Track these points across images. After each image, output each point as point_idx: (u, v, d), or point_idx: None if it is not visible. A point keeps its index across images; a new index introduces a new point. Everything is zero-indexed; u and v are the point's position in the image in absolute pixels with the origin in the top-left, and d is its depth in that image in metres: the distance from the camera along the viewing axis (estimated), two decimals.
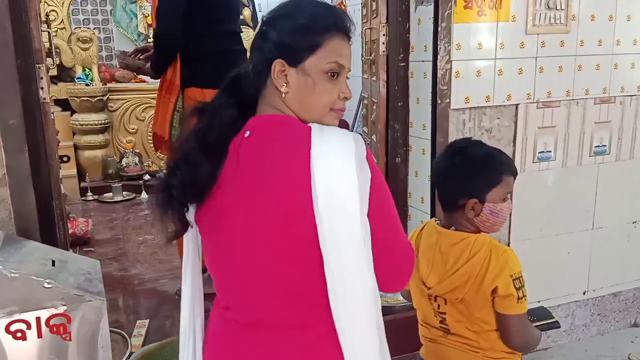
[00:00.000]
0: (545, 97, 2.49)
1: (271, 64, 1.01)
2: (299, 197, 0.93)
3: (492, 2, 2.30)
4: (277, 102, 1.04)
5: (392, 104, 2.53)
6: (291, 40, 1.00)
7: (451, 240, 1.49)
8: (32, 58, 1.93)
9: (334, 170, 0.93)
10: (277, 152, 0.97)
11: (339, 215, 0.93)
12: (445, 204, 1.54)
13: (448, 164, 1.52)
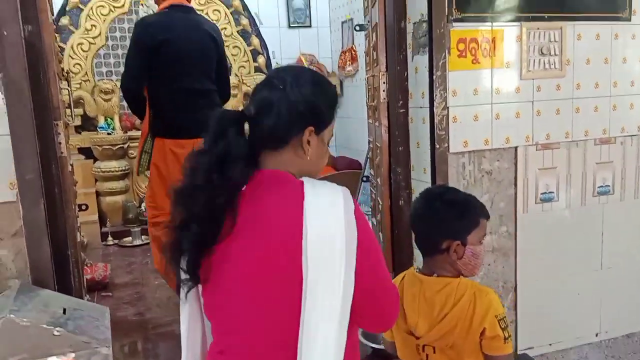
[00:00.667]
0: (544, 139, 2.54)
1: (303, 128, 1.10)
2: (290, 246, 1.00)
3: (485, 50, 2.40)
4: (289, 162, 1.11)
5: (394, 149, 2.61)
6: (326, 111, 1.15)
7: (435, 287, 1.52)
8: (50, 115, 2.06)
9: (324, 224, 1.01)
10: (273, 205, 1.05)
11: (324, 265, 1.00)
12: (426, 249, 1.57)
13: (429, 208, 1.56)
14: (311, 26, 6.36)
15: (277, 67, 1.22)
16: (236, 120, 1.09)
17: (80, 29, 5.33)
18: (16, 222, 1.87)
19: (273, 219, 1.04)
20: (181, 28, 2.93)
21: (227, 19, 5.84)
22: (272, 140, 1.10)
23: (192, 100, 2.93)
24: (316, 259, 1.00)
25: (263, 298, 1.04)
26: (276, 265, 1.02)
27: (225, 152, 1.05)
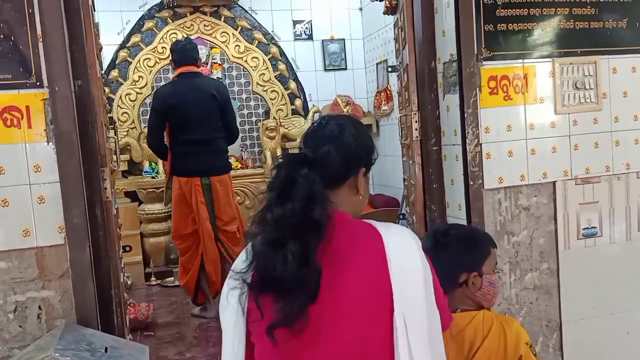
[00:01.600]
0: (584, 173, 2.50)
1: (359, 169, 1.21)
2: (380, 283, 1.06)
3: (517, 87, 2.41)
4: (347, 198, 1.20)
5: (428, 186, 2.61)
6: (371, 155, 1.26)
7: (461, 323, 1.50)
8: (97, 163, 2.18)
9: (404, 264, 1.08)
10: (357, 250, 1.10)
11: (412, 304, 1.07)
12: (445, 286, 1.54)
13: (441, 245, 1.56)
14: (346, 68, 6.49)
15: (322, 116, 1.32)
16: (303, 162, 1.12)
17: (128, 81, 5.62)
18: (63, 264, 1.97)
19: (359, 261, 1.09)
20: (185, 93, 3.74)
21: (265, 65, 6.04)
22: (334, 179, 1.17)
23: (196, 148, 3.74)
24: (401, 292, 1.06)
25: (360, 337, 1.06)
26: (367, 303, 1.06)
27: (309, 191, 1.07)
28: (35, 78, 1.91)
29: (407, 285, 1.06)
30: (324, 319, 1.05)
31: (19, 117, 1.90)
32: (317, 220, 1.05)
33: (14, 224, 1.92)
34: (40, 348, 1.74)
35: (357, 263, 1.08)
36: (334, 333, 1.05)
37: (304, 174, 1.08)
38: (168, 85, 3.96)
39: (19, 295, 1.95)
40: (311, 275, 1.04)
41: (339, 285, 1.06)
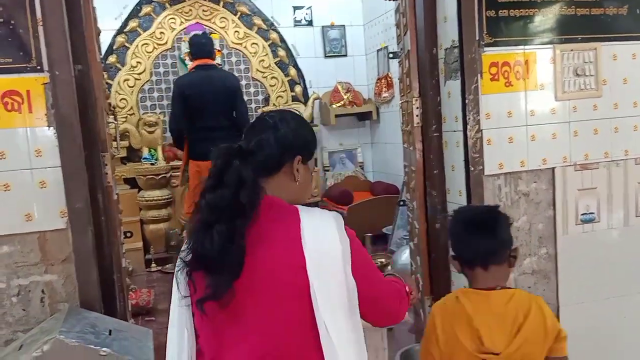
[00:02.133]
0: (583, 159, 2.51)
1: (293, 157, 1.30)
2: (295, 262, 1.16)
3: (518, 73, 2.41)
4: (283, 186, 1.30)
5: (429, 172, 2.62)
6: (311, 143, 1.38)
7: (503, 300, 1.54)
8: (97, 148, 2.18)
9: (320, 239, 1.18)
10: (278, 229, 1.21)
11: (327, 278, 1.16)
12: (492, 261, 1.59)
13: (485, 220, 1.64)
14: (347, 55, 6.48)
15: (264, 112, 1.39)
16: (238, 152, 1.24)
17: (126, 66, 5.60)
18: (66, 249, 1.98)
19: (277, 239, 1.19)
20: (202, 84, 4.10)
21: (265, 51, 6.02)
22: (268, 168, 1.28)
23: (212, 134, 3.98)
24: (317, 269, 1.15)
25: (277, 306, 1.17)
26: (285, 283, 1.17)
27: (237, 179, 1.18)
28: (35, 62, 1.90)
29: (323, 262, 1.16)
30: (246, 294, 1.17)
31: (20, 101, 1.90)
32: (243, 204, 1.16)
33: (16, 208, 1.93)
34: (44, 331, 1.76)
35: (275, 243, 1.18)
36: (254, 307, 1.17)
37: (235, 165, 1.20)
38: (186, 76, 4.32)
39: (22, 279, 1.96)
40: (235, 253, 1.15)
41: (258, 263, 1.17)
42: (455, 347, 1.52)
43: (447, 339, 1.54)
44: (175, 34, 5.74)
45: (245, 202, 1.16)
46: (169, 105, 5.75)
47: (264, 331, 1.17)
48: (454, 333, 1.53)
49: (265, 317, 1.17)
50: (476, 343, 1.50)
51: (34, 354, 1.59)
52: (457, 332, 1.52)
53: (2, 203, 1.91)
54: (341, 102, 6.25)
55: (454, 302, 1.60)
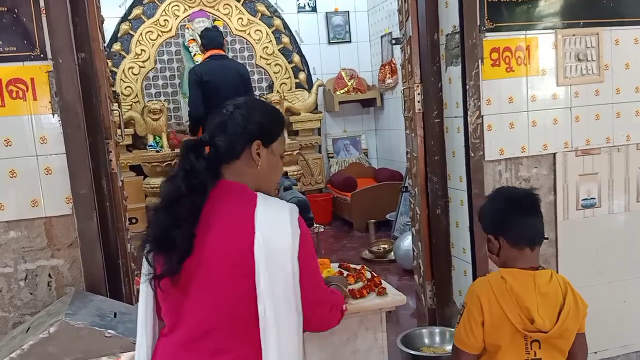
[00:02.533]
0: (584, 144, 2.52)
1: (251, 143, 1.31)
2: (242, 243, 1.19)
3: (520, 58, 2.41)
4: (244, 172, 1.32)
5: (430, 158, 2.64)
6: (269, 127, 1.36)
7: (546, 280, 1.57)
8: (102, 135, 2.21)
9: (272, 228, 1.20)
10: (230, 211, 1.25)
11: (276, 258, 1.19)
12: (539, 241, 1.62)
13: (534, 201, 1.65)
14: (351, 41, 6.46)
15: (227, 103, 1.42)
16: (194, 146, 1.30)
17: (130, 54, 5.61)
18: (71, 234, 2.02)
19: (226, 222, 1.23)
20: (217, 72, 4.38)
21: (268, 38, 6.01)
22: (226, 155, 1.31)
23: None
24: (264, 254, 1.18)
25: (222, 290, 1.21)
26: (231, 262, 1.20)
27: (190, 169, 1.26)
28: (39, 50, 1.93)
29: (270, 249, 1.18)
30: (196, 272, 1.22)
31: (24, 89, 1.93)
32: (187, 191, 1.23)
33: (22, 194, 1.96)
34: (51, 313, 1.80)
35: (226, 226, 1.22)
36: (203, 284, 1.22)
37: (190, 159, 1.27)
38: (202, 65, 4.58)
39: (29, 264, 2.01)
40: (183, 234, 1.20)
41: (208, 243, 1.22)
42: (502, 326, 1.53)
43: (493, 319, 1.54)
44: (179, 21, 5.74)
45: (185, 190, 1.23)
46: (173, 93, 5.82)
47: (210, 307, 1.22)
48: (501, 312, 1.53)
49: (212, 294, 1.21)
50: (524, 321, 1.52)
51: (41, 335, 1.63)
52: (506, 311, 1.53)
53: (8, 189, 1.95)
54: (345, 88, 6.25)
55: (500, 281, 1.57)
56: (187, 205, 1.22)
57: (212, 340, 1.22)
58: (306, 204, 4.26)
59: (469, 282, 2.48)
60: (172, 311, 1.28)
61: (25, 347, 1.62)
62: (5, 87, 1.91)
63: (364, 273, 2.00)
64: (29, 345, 1.62)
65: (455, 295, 2.67)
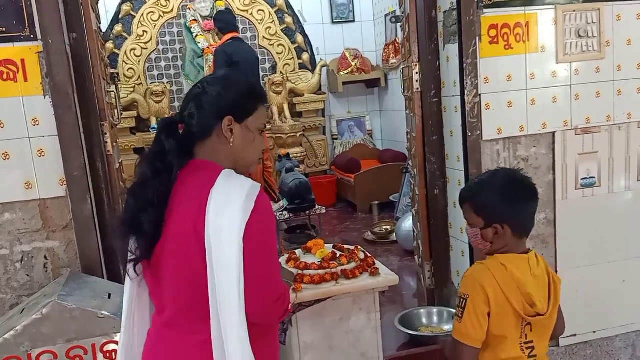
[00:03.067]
0: (584, 123, 2.48)
1: (221, 118, 1.25)
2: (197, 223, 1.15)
3: (518, 35, 2.36)
4: (217, 149, 1.27)
5: (428, 138, 2.61)
6: (241, 102, 1.29)
7: (535, 262, 1.56)
8: (96, 117, 2.21)
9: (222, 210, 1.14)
10: (189, 188, 1.22)
11: (222, 234, 1.13)
12: (530, 229, 1.61)
13: (532, 185, 1.61)
14: (355, 21, 6.39)
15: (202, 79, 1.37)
16: (167, 125, 1.28)
17: (132, 36, 5.59)
18: (66, 216, 2.03)
19: (186, 200, 1.20)
20: (242, 53, 4.54)
21: (271, 18, 5.95)
22: (198, 133, 1.27)
23: None
24: (214, 235, 1.13)
25: (184, 272, 1.19)
26: (188, 243, 1.16)
27: (160, 150, 1.24)
28: (29, 30, 1.91)
29: (218, 229, 1.12)
30: (163, 256, 1.21)
31: (15, 70, 1.92)
32: (152, 174, 1.21)
33: (15, 176, 1.97)
34: (46, 295, 1.82)
35: (185, 207, 1.19)
36: (169, 268, 1.21)
37: (160, 138, 1.25)
38: (229, 46, 4.63)
39: (25, 246, 2.02)
40: (150, 218, 1.19)
41: (170, 226, 1.19)
42: (505, 315, 1.50)
43: (498, 308, 1.50)
44: (180, 1, 5.69)
45: (150, 172, 1.21)
46: (176, 75, 5.80)
47: (175, 291, 1.21)
48: (505, 300, 1.49)
49: (177, 278, 1.20)
50: (526, 307, 1.50)
51: (34, 316, 1.64)
52: (510, 299, 1.49)
53: (2, 172, 1.96)
54: (349, 69, 6.20)
55: (501, 268, 1.52)
56: (152, 189, 1.20)
57: (183, 321, 1.21)
58: (308, 186, 4.26)
59: (466, 262, 2.48)
60: (154, 293, 1.28)
61: (18, 327, 1.64)
62: None
63: (357, 254, 1.99)
64: (22, 326, 1.64)
65: (454, 276, 2.67)
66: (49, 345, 1.67)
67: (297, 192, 4.18)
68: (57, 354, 1.67)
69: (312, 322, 1.87)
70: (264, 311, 1.20)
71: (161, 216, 1.19)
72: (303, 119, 6.00)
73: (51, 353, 1.67)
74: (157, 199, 1.20)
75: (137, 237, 1.21)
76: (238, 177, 1.23)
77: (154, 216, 1.19)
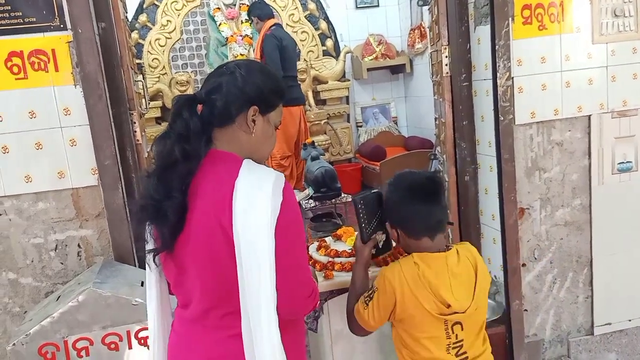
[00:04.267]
0: (621, 106, 2.40)
1: (247, 107, 1.22)
2: (222, 218, 1.11)
3: (553, 15, 2.29)
4: (237, 137, 1.23)
5: (458, 123, 2.56)
6: (269, 94, 1.26)
7: (454, 260, 1.53)
8: (125, 106, 2.21)
9: (251, 199, 1.10)
10: (212, 181, 1.16)
11: (252, 230, 1.09)
12: (441, 230, 1.56)
13: (434, 187, 1.56)
14: (379, 5, 6.29)
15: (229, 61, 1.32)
16: (189, 102, 1.20)
17: (157, 25, 5.60)
18: (98, 205, 2.05)
19: (209, 193, 1.15)
20: (288, 38, 4.74)
21: (294, 4, 5.90)
22: (220, 117, 1.21)
23: (295, 81, 4.84)
24: (242, 228, 1.09)
25: (211, 268, 1.14)
26: (214, 238, 1.12)
27: (183, 129, 1.16)
28: (58, 20, 1.92)
29: (248, 221, 1.08)
30: (186, 248, 1.16)
31: (46, 60, 1.93)
32: (176, 158, 1.14)
33: (48, 166, 1.99)
34: (80, 282, 1.84)
35: (210, 199, 1.14)
36: (193, 261, 1.16)
37: (183, 116, 1.17)
38: (276, 31, 4.69)
39: (59, 234, 2.05)
40: (173, 205, 1.13)
41: (194, 217, 1.14)
42: (420, 314, 1.49)
43: (409, 308, 1.49)
44: None
45: (180, 155, 1.14)
46: (200, 64, 5.81)
47: (202, 285, 1.16)
48: (417, 301, 1.48)
49: (203, 272, 1.15)
50: (440, 307, 1.48)
51: (70, 303, 1.67)
52: (421, 300, 1.47)
53: (35, 161, 1.98)
54: (373, 55, 6.12)
55: (413, 268, 1.51)
56: (181, 174, 1.14)
57: (212, 317, 1.18)
58: (333, 174, 4.23)
59: (498, 250, 2.44)
60: (176, 287, 1.24)
61: (55, 314, 1.67)
62: (27, 59, 1.92)
63: None
64: (59, 313, 1.66)
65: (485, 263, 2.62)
66: (85, 332, 1.69)
67: (322, 180, 4.15)
68: (93, 340, 1.70)
69: (344, 309, 1.85)
70: (296, 308, 1.19)
71: (185, 205, 1.14)
72: (327, 107, 5.96)
73: (87, 339, 1.70)
74: (183, 185, 1.14)
75: (158, 226, 1.16)
76: (260, 167, 1.19)
77: (178, 204, 1.13)
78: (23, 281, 2.05)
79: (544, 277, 2.47)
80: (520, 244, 2.39)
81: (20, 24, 1.92)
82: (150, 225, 1.19)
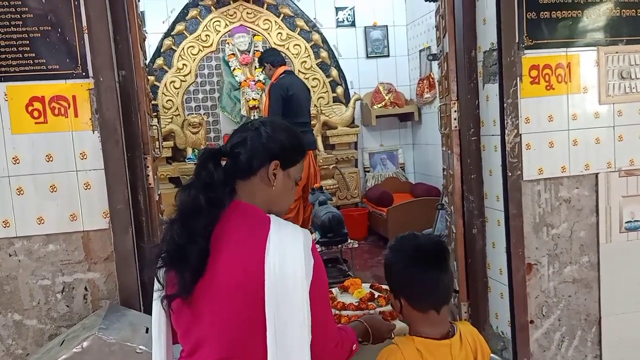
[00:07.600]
0: (628, 165, 2.43)
1: (269, 161, 1.28)
2: (249, 269, 1.13)
3: (560, 76, 2.35)
4: (257, 190, 1.28)
5: (466, 176, 2.59)
6: (291, 150, 1.33)
7: (458, 347, 1.43)
8: (140, 150, 2.26)
9: (284, 255, 1.14)
10: (242, 234, 1.19)
11: (286, 282, 1.12)
12: (447, 301, 1.47)
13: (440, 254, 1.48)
14: (389, 55, 6.44)
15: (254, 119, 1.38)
16: (214, 155, 1.27)
17: (172, 68, 5.74)
18: (108, 248, 2.07)
19: (238, 242, 1.18)
20: (298, 87, 4.70)
21: (307, 52, 6.05)
22: (243, 170, 1.27)
23: (307, 128, 4.77)
24: (275, 283, 1.11)
25: (233, 317, 1.15)
26: (239, 288, 1.14)
27: (209, 179, 1.21)
28: (81, 68, 1.99)
29: (282, 277, 1.11)
30: (206, 296, 1.17)
31: (66, 106, 2.00)
32: (201, 205, 1.18)
33: (62, 208, 2.02)
34: (85, 327, 1.84)
35: (238, 250, 1.16)
36: (213, 309, 1.17)
37: (209, 167, 1.22)
38: (284, 79, 4.74)
39: (67, 277, 2.06)
40: (196, 252, 1.15)
41: (219, 266, 1.16)
42: None
43: None
44: (219, 36, 5.85)
45: (204, 202, 1.18)
46: (212, 107, 5.92)
47: (221, 336, 1.16)
48: None
49: (223, 322, 1.16)
50: None
51: (74, 349, 1.66)
52: None
53: (49, 203, 2.01)
54: (382, 102, 6.22)
55: (415, 355, 1.40)
56: (204, 220, 1.17)
57: None
58: (340, 220, 4.24)
59: (505, 305, 2.42)
60: (186, 335, 1.23)
61: None
62: (48, 104, 1.98)
63: None
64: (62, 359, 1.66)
65: (492, 318, 2.60)
66: None
67: (329, 225, 4.16)
68: None
69: None
70: (326, 357, 1.23)
71: (208, 250, 1.17)
72: (336, 151, 6.03)
73: None
74: (206, 232, 1.17)
75: (179, 270, 1.17)
76: (288, 224, 1.23)
77: (201, 249, 1.16)
78: (28, 323, 2.05)
79: (552, 334, 2.44)
80: (528, 300, 2.38)
81: (43, 70, 1.99)
82: (167, 271, 1.21)
